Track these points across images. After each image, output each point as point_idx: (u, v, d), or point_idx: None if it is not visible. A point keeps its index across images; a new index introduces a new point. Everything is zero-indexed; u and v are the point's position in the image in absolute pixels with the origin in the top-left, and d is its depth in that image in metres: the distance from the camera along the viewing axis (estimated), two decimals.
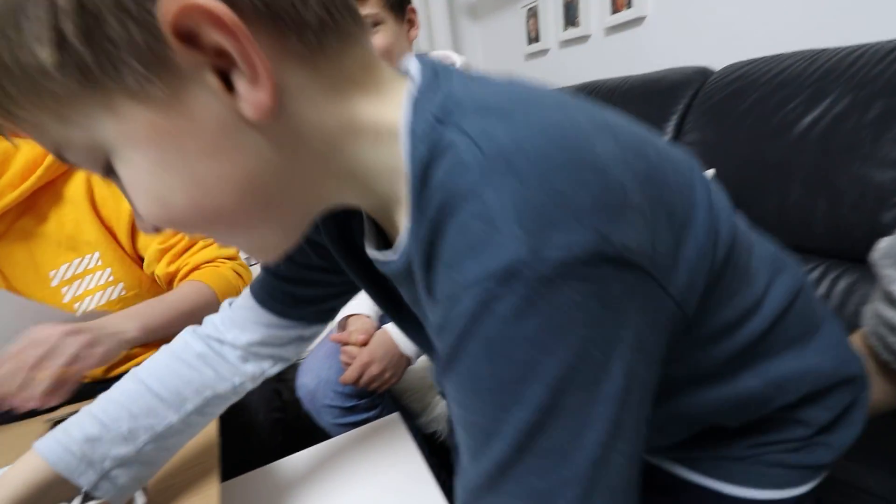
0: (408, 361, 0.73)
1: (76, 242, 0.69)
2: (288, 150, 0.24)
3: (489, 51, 1.83)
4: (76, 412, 0.40)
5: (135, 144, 0.23)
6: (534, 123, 0.21)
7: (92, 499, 0.38)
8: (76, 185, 0.69)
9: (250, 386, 0.46)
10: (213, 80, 0.22)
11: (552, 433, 0.22)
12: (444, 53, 0.85)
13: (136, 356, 0.74)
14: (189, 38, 0.20)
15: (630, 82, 1.09)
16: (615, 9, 1.21)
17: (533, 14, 1.51)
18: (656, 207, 0.23)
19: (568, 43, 1.41)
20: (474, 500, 0.24)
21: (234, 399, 0.46)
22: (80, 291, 0.70)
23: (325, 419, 0.74)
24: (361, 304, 0.79)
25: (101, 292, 0.71)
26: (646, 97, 1.04)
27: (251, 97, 0.22)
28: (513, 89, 0.25)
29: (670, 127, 0.97)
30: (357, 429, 0.61)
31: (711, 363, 0.31)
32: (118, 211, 0.70)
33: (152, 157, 0.23)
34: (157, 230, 0.28)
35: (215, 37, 0.20)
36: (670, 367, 0.27)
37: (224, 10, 0.20)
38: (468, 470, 0.24)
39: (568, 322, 0.20)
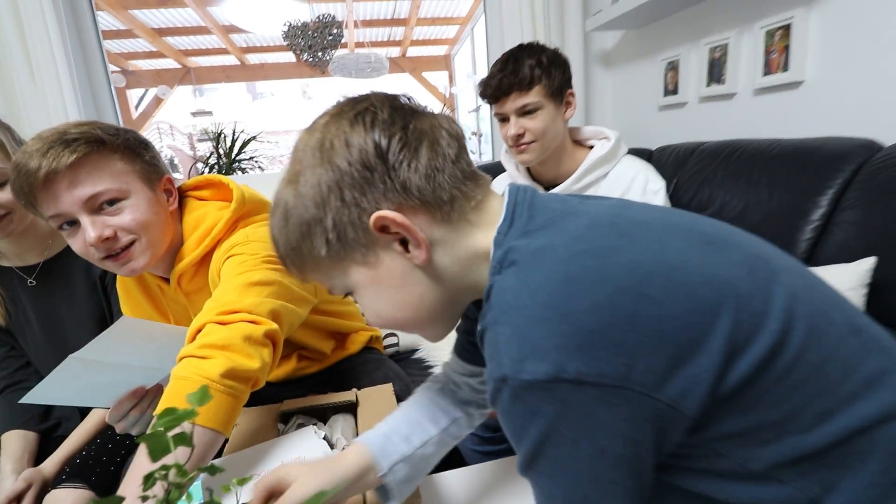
0: None
1: None
2: (439, 278, 0.43)
3: (620, 99, 1.87)
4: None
5: (364, 285, 0.43)
6: (534, 286, 0.34)
7: None
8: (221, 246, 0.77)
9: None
10: (398, 248, 0.41)
11: (540, 471, 0.36)
12: (597, 129, 0.93)
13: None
14: (383, 229, 0.40)
15: (781, 146, 1.06)
16: (768, 70, 1.20)
17: (673, 67, 1.52)
18: (642, 340, 0.31)
19: (710, 99, 1.41)
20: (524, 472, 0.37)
21: (471, 426, 0.60)
22: None
23: (465, 444, 0.84)
24: None
25: None
26: (800, 164, 1.00)
27: (416, 254, 0.40)
28: (551, 242, 0.37)
29: (825, 200, 0.94)
30: (499, 459, 0.70)
31: (771, 461, 0.34)
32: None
33: (371, 292, 0.43)
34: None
35: (395, 227, 0.39)
36: (717, 460, 0.35)
37: (397, 217, 0.39)
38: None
39: (541, 412, 0.33)
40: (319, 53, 2.89)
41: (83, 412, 0.95)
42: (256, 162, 4.55)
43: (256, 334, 0.60)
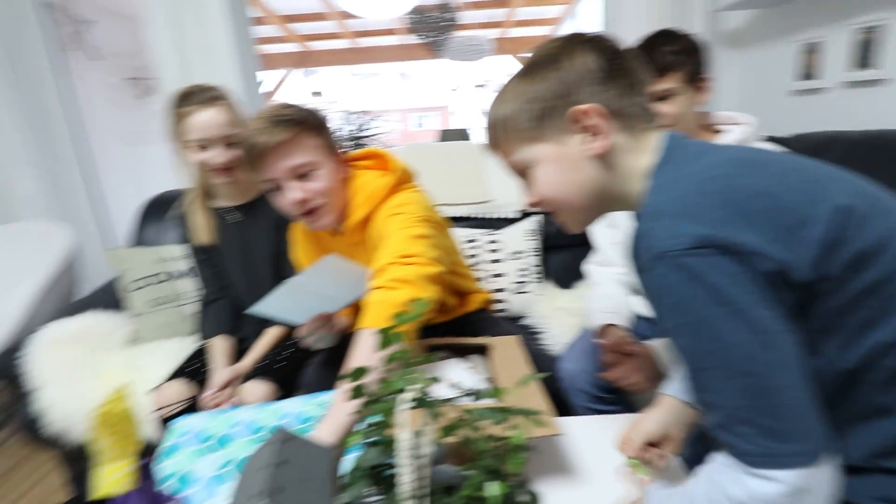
0: (660, 377, 0.88)
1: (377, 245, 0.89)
2: (602, 174, 0.53)
3: (747, 83, 1.78)
4: None
5: (544, 160, 0.54)
6: (682, 187, 0.47)
7: None
8: (382, 207, 0.91)
9: None
10: (582, 137, 0.52)
11: (703, 341, 0.44)
12: (729, 115, 0.94)
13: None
14: (577, 119, 0.51)
15: None
16: None
17: (811, 50, 1.44)
18: (765, 217, 0.42)
19: (855, 84, 1.32)
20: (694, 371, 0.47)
21: None
22: None
23: (577, 399, 0.95)
24: (614, 316, 0.97)
25: None
26: None
27: (595, 146, 0.52)
28: (695, 168, 0.49)
29: None
30: (606, 416, 0.79)
31: None
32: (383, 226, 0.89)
33: (547, 167, 0.54)
34: (534, 205, 0.58)
35: (590, 120, 0.51)
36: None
37: (599, 109, 0.51)
38: None
39: (702, 274, 0.41)
40: (436, 35, 3.03)
41: (260, 332, 1.21)
42: (375, 138, 4.89)
43: (430, 273, 0.76)
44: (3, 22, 2.02)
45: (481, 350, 0.86)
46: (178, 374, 1.11)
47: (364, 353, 0.66)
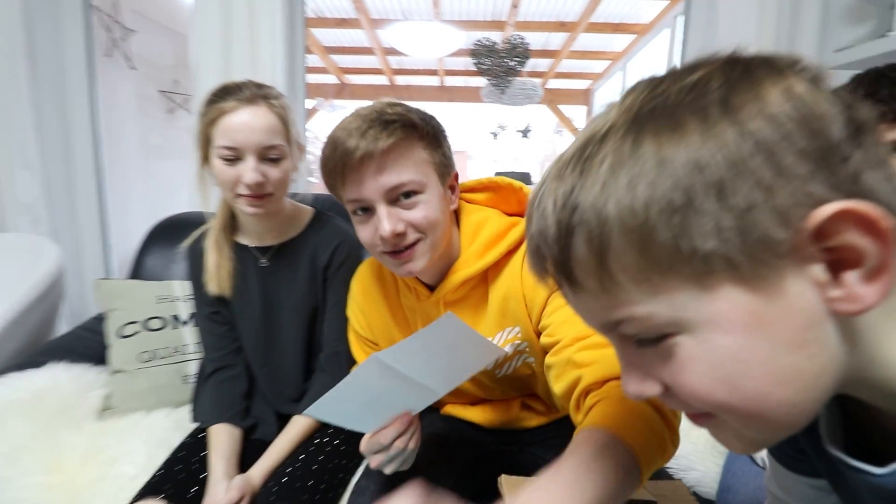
0: None
1: (505, 314, 0.68)
2: (851, 342, 0.26)
3: None
4: None
5: (725, 327, 0.25)
6: None
7: None
8: (517, 259, 0.68)
9: None
10: (821, 274, 0.24)
11: None
12: None
13: None
14: (820, 235, 0.23)
15: None
16: None
17: None
18: None
19: None
20: None
21: None
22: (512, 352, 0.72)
23: None
24: None
25: (510, 363, 0.72)
26: None
27: (857, 292, 0.24)
28: None
29: None
30: None
31: None
32: (535, 291, 0.65)
33: (739, 342, 0.25)
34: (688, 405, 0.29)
35: (857, 238, 0.23)
36: None
37: (888, 221, 0.22)
38: None
39: None
40: (502, 76, 2.84)
41: (284, 417, 0.89)
42: None
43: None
44: (49, 19, 1.87)
45: None
46: (157, 485, 0.76)
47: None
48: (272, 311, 0.89)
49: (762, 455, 0.75)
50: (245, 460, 0.82)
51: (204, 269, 0.88)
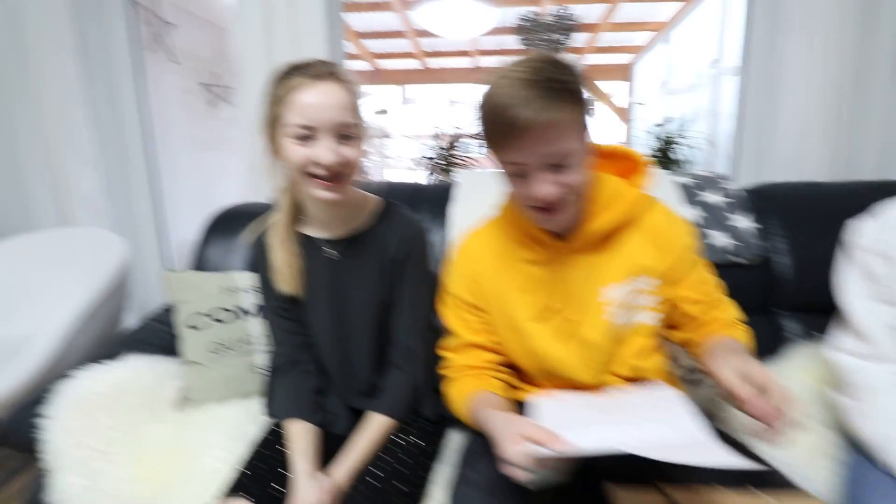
0: None
1: (636, 266, 0.75)
2: None
3: None
4: None
5: None
6: None
7: None
8: (652, 218, 0.77)
9: None
10: None
11: None
12: None
13: None
14: None
15: None
16: None
17: None
18: None
19: None
20: None
21: None
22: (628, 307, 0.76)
23: None
24: None
25: (644, 313, 0.76)
26: None
27: None
28: None
29: None
30: None
31: None
32: (669, 246, 0.76)
33: None
34: None
35: None
36: None
37: None
38: None
39: None
40: (552, 51, 2.70)
41: (354, 411, 0.87)
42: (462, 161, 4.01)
43: None
44: (93, 15, 1.90)
45: None
46: (241, 483, 0.75)
47: None
48: (342, 304, 0.86)
49: None
50: (321, 455, 0.80)
51: (271, 266, 0.85)
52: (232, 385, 1.02)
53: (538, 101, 0.59)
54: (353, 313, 0.87)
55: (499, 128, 0.63)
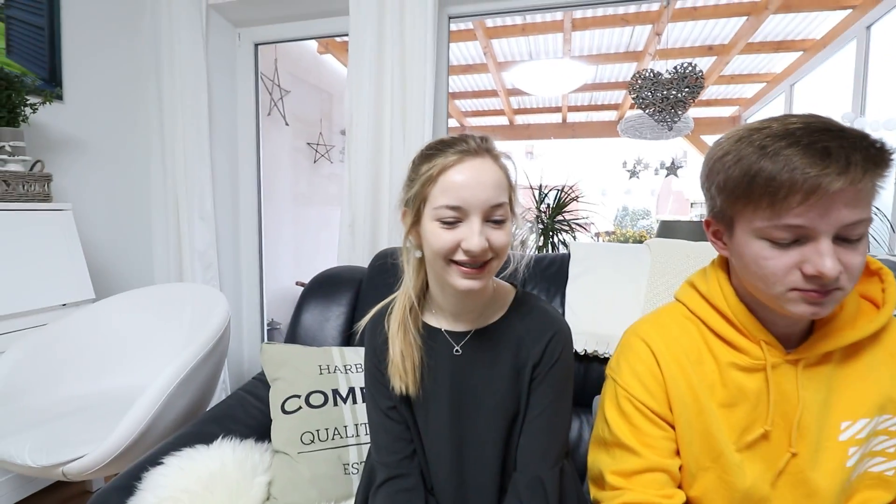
0: None
1: (884, 398, 0.60)
2: None
3: None
4: None
5: None
6: None
7: None
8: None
9: None
10: None
11: None
12: None
13: None
14: None
15: None
16: None
17: None
18: None
19: None
20: None
21: None
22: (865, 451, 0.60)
23: None
24: None
25: (882, 461, 0.60)
26: None
27: None
28: None
29: None
30: None
31: None
32: None
33: None
34: None
35: None
36: None
37: None
38: None
39: None
40: (671, 109, 2.53)
41: None
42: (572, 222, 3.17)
43: None
44: (227, 83, 2.08)
45: None
46: None
47: None
48: (464, 410, 0.72)
49: None
50: None
51: (385, 358, 0.74)
52: (321, 485, 0.90)
53: (852, 169, 0.50)
54: (476, 422, 0.72)
55: (806, 192, 0.52)
